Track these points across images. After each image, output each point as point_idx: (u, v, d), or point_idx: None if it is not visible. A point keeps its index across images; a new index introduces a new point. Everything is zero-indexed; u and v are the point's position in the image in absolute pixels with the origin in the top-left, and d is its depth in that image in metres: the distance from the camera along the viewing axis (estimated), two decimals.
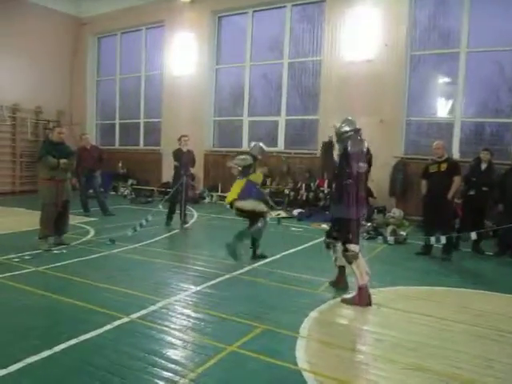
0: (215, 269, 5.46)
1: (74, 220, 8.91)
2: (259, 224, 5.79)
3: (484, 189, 7.17)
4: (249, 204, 5.78)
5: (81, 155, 9.79)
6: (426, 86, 11.07)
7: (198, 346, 3.27)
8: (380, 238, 7.40)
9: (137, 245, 6.73)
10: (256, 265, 5.71)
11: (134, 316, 3.77)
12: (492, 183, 7.25)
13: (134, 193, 13.89)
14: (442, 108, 10.96)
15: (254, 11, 13.06)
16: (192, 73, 13.82)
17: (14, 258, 5.77)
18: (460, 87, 10.40)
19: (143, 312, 3.87)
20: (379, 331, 3.63)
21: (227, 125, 14.01)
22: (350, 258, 4.43)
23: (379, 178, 10.78)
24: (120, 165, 14.82)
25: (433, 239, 6.30)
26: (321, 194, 11.17)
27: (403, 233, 7.90)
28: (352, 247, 4.43)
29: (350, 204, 4.42)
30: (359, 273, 4.39)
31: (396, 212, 10.26)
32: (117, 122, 16.10)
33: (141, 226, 7.25)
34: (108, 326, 3.52)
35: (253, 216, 5.80)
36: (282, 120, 12.81)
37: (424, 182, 7.06)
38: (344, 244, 4.49)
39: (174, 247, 6.73)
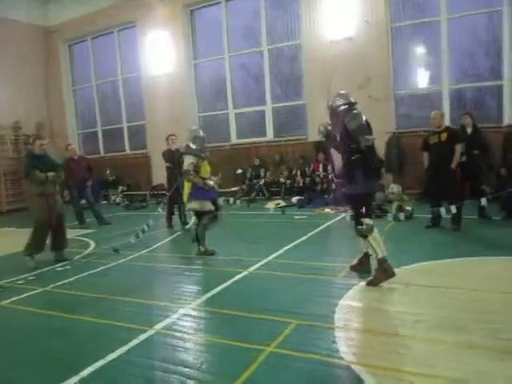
0: (228, 267, 5.28)
1: (71, 233, 8.59)
2: (206, 220, 5.98)
3: (475, 152, 7.06)
4: (197, 205, 5.98)
5: (69, 166, 9.48)
6: (409, 57, 10.96)
7: (233, 351, 3.09)
8: (389, 215, 7.28)
9: (142, 252, 6.52)
10: (270, 258, 5.54)
11: (159, 327, 3.58)
12: (481, 145, 7.17)
13: (127, 199, 13.61)
14: (428, 78, 10.87)
15: (227, 0, 12.77)
16: (170, 71, 13.51)
17: (17, 280, 5.51)
18: (444, 55, 10.31)
19: (167, 321, 3.68)
20: (415, 311, 3.50)
21: (213, 120, 13.74)
22: (365, 231, 4.33)
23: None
24: (108, 172, 14.50)
25: (443, 210, 6.21)
26: (317, 179, 11.03)
27: (409, 208, 7.80)
28: (366, 221, 4.33)
29: (359, 179, 4.29)
30: (376, 244, 4.31)
31: (394, 188, 10.19)
32: (99, 129, 15.74)
33: (143, 231, 7.03)
34: (135, 341, 3.32)
35: (200, 214, 6.02)
36: (268, 109, 12.62)
37: (425, 154, 6.95)
38: (357, 219, 4.40)
39: (179, 250, 6.51)
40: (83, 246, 7.36)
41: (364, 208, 4.40)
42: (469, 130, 7.27)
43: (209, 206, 6.06)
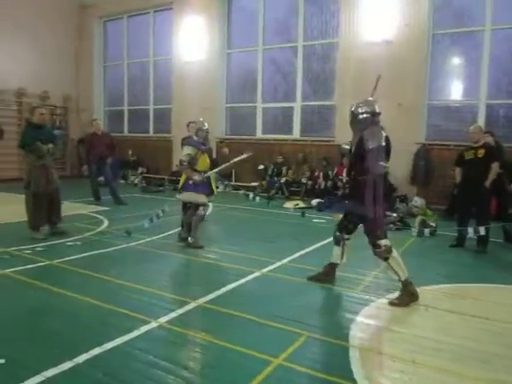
0: (241, 265, 5.07)
1: (86, 209, 8.62)
2: (201, 212, 5.89)
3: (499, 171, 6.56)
4: (189, 196, 5.92)
5: (91, 142, 9.44)
6: (447, 67, 10.56)
7: (239, 358, 2.87)
8: (414, 230, 6.98)
9: (154, 237, 6.36)
10: (285, 260, 5.32)
11: (163, 320, 3.39)
12: (505, 164, 6.68)
13: (145, 181, 13.53)
14: (463, 90, 10.45)
15: None
16: (202, 58, 13.32)
17: (25, 249, 5.43)
18: (483, 68, 9.88)
19: (172, 315, 3.49)
20: (436, 338, 3.24)
21: (239, 112, 13.53)
22: (385, 254, 4.03)
23: (399, 166, 10.35)
24: (130, 152, 14.44)
25: (471, 230, 5.90)
26: (339, 183, 10.73)
27: (433, 224, 7.48)
28: (383, 242, 4.04)
29: (372, 201, 3.93)
30: (398, 266, 4.05)
31: (418, 201, 9.81)
32: (125, 108, 15.68)
33: (158, 216, 6.86)
34: (135, 332, 3.15)
35: (195, 205, 5.94)
36: (297, 106, 12.33)
37: (458, 170, 6.61)
38: (374, 241, 4.08)
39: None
40: (96, 223, 7.25)
41: (379, 230, 4.07)
42: None
43: (200, 198, 5.89)
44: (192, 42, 13.39)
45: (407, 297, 4.00)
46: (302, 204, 10.20)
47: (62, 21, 14.99)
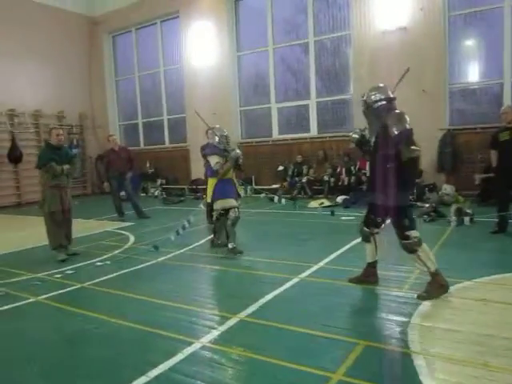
0: (277, 272, 4.85)
1: (111, 226, 8.52)
2: (233, 214, 5.79)
3: None
4: (221, 204, 5.84)
5: (109, 158, 9.34)
6: (467, 49, 10.19)
7: (294, 376, 2.65)
8: (452, 219, 6.66)
9: (183, 250, 6.19)
10: (322, 263, 5.08)
11: (206, 340, 3.19)
12: None
13: (165, 192, 13.44)
14: (486, 71, 10.05)
15: None
16: (213, 63, 13.20)
17: (55, 273, 5.31)
18: (507, 45, 9.47)
19: (215, 333, 3.29)
20: (504, 335, 2.97)
21: (253, 114, 13.33)
22: (414, 246, 3.82)
23: (425, 154, 10.00)
24: (148, 165, 14.39)
25: None
26: (363, 177, 10.43)
27: (469, 211, 7.14)
28: (413, 233, 3.83)
29: (399, 190, 3.77)
30: (427, 258, 3.83)
31: (447, 188, 9.51)
32: (139, 121, 15.67)
33: (183, 228, 6.70)
34: (179, 356, 2.95)
35: (226, 210, 5.87)
36: (312, 103, 12.09)
37: (493, 152, 6.29)
38: (402, 233, 3.86)
39: (223, 250, 6.14)
40: (123, 240, 7.13)
41: (407, 220, 3.86)
42: None
43: (232, 202, 5.84)
44: (201, 48, 13.28)
45: (436, 289, 3.79)
46: (327, 202, 9.94)
47: (73, 40, 15.10)
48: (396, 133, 3.66)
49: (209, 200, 6.08)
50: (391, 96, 3.90)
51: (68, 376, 2.84)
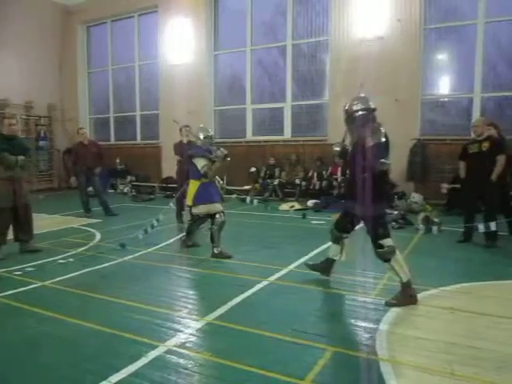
0: (247, 274, 4.79)
1: (77, 222, 8.25)
2: (220, 219, 5.66)
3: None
4: (206, 208, 5.70)
5: (78, 152, 9.07)
6: (440, 61, 10.43)
7: (264, 382, 2.58)
8: (419, 227, 6.76)
9: (150, 249, 6.04)
10: (292, 266, 5.04)
11: (172, 343, 3.09)
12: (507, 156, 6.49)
13: (135, 190, 13.17)
14: (457, 84, 10.32)
15: None
16: (189, 60, 13.03)
17: (14, 270, 5.06)
18: (478, 61, 9.75)
19: (181, 337, 3.19)
20: (471, 344, 3.00)
21: (228, 114, 13.24)
22: (388, 255, 3.86)
23: (396, 162, 10.17)
24: (118, 161, 14.06)
25: (481, 226, 5.70)
26: (334, 182, 10.52)
27: (437, 220, 7.27)
28: (387, 242, 3.86)
29: (374, 199, 3.80)
30: (400, 268, 3.87)
31: (416, 197, 9.72)
32: (111, 115, 15.29)
33: (152, 226, 6.57)
34: (143, 360, 2.84)
35: (212, 215, 5.73)
36: (287, 106, 12.10)
37: (462, 164, 6.42)
38: (376, 241, 3.90)
39: (192, 251, 6.02)
40: (88, 237, 6.90)
41: (381, 229, 3.92)
42: None
43: (218, 207, 5.71)
44: (178, 45, 13.09)
45: (405, 298, 3.84)
46: (297, 205, 9.95)
47: (45, 29, 14.59)
48: (370, 144, 3.76)
49: (190, 203, 5.79)
50: (372, 107, 4.00)
51: (24, 381, 2.68)
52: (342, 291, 4.21)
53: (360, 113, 3.97)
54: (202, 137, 5.84)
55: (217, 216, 5.65)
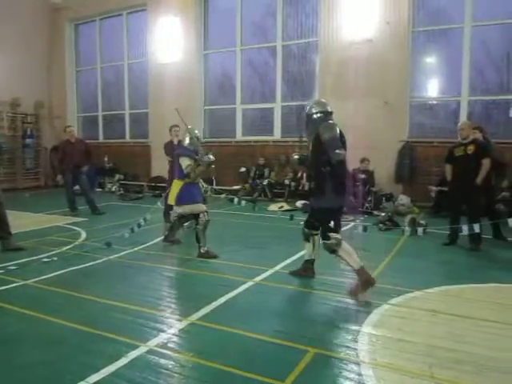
0: (231, 274, 4.78)
1: (62, 221, 8.17)
2: (204, 218, 5.65)
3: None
4: (190, 208, 5.72)
5: (65, 150, 8.99)
6: (428, 64, 10.52)
7: (243, 383, 2.58)
8: (405, 229, 6.80)
9: (136, 248, 6.00)
10: (278, 267, 5.05)
11: (153, 343, 3.07)
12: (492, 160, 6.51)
13: (123, 188, 13.08)
14: (445, 87, 10.40)
15: None
16: (179, 59, 12.96)
17: None
18: (465, 64, 9.84)
19: (163, 337, 3.17)
20: (451, 347, 3.02)
21: (218, 114, 13.21)
22: (334, 246, 4.15)
23: (384, 164, 10.25)
24: (106, 159, 13.95)
25: (465, 228, 5.76)
26: None
27: (423, 222, 7.32)
28: (334, 235, 4.17)
29: (328, 193, 4.16)
30: (349, 257, 4.14)
31: (403, 199, 9.76)
32: (99, 114, 15.16)
33: (139, 226, 6.52)
34: (123, 360, 2.81)
35: (196, 214, 5.73)
36: (277, 107, 12.10)
37: (448, 167, 6.48)
38: (324, 233, 4.24)
39: (178, 250, 6.00)
40: (73, 236, 6.83)
41: (332, 223, 4.25)
42: None
43: (201, 207, 5.74)
44: (168, 44, 13.02)
45: (363, 284, 4.03)
46: (286, 206, 9.95)
47: (33, 25, 14.41)
48: (326, 138, 4.07)
49: (172, 202, 5.81)
50: (329, 110, 4.34)
51: (2, 382, 2.64)
52: (327, 292, 4.22)
53: (318, 115, 4.28)
54: (188, 138, 5.83)
55: (201, 216, 5.65)
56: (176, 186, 5.74)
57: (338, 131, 4.17)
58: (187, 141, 5.84)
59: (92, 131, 15.25)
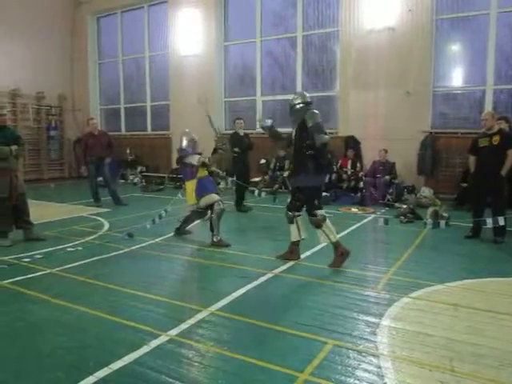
0: (252, 266, 4.80)
1: (86, 211, 8.35)
2: (218, 207, 5.85)
3: None
4: (205, 200, 5.94)
5: (88, 142, 9.14)
6: (451, 53, 10.26)
7: (261, 374, 2.60)
8: (428, 222, 6.69)
9: (157, 239, 6.09)
10: (298, 260, 5.06)
11: (174, 332, 3.13)
12: None
13: (144, 180, 13.25)
14: (469, 76, 10.14)
15: None
16: (199, 51, 12.99)
17: (23, 257, 5.16)
18: (490, 53, 9.57)
19: (183, 327, 3.23)
20: (473, 341, 2.99)
21: (237, 105, 13.21)
22: (320, 221, 4.72)
23: (406, 155, 10.09)
24: (128, 151, 14.14)
25: (489, 221, 5.63)
26: (344, 175, 10.45)
27: (445, 214, 7.21)
28: (319, 212, 4.73)
29: (312, 173, 4.68)
30: (330, 231, 4.74)
31: (426, 191, 9.63)
32: (121, 106, 15.34)
33: (160, 217, 6.61)
34: (145, 348, 2.88)
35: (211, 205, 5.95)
36: None
37: (472, 158, 6.34)
38: (311, 211, 4.75)
39: (199, 241, 6.07)
40: (97, 227, 6.98)
41: (317, 200, 4.79)
42: None
43: (215, 197, 5.93)
44: (188, 36, 13.05)
45: (340, 257, 4.72)
46: None
47: (56, 19, 14.63)
48: (310, 125, 4.58)
49: (192, 201, 6.03)
50: (309, 100, 4.85)
51: (28, 367, 2.73)
52: (346, 285, 4.21)
53: (300, 105, 4.78)
54: (185, 140, 6.10)
55: (215, 205, 5.83)
56: (189, 186, 5.99)
57: (319, 116, 4.67)
58: (184, 143, 6.12)
59: (114, 123, 15.45)
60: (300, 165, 4.75)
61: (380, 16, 10.26)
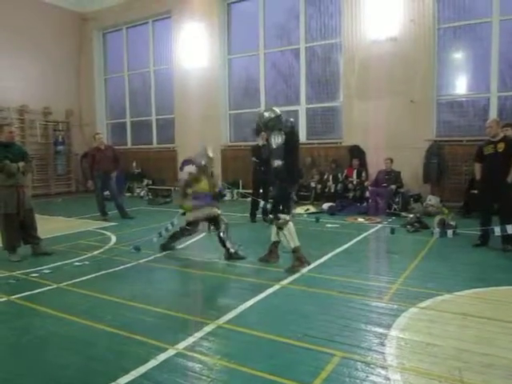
0: (258, 278, 4.80)
1: (93, 225, 8.39)
2: (223, 225, 5.85)
3: None
4: (192, 216, 5.96)
5: (94, 156, 9.21)
6: (454, 61, 10.29)
7: None
8: (435, 231, 6.66)
9: (165, 252, 6.11)
10: (304, 270, 5.04)
11: (181, 346, 3.12)
12: None
13: (151, 193, 13.32)
14: (473, 84, 10.15)
15: None
16: (203, 65, 13.14)
17: (31, 272, 5.19)
18: (494, 60, 9.59)
19: (191, 340, 3.22)
20: (482, 351, 2.96)
21: (242, 117, 13.29)
22: (282, 224, 5.08)
23: (411, 164, 10.09)
24: (134, 164, 14.24)
25: (497, 229, 5.61)
26: (350, 185, 10.45)
27: (453, 223, 7.17)
28: (283, 216, 5.09)
29: (279, 184, 5.21)
30: (290, 236, 5.08)
31: (432, 199, 9.60)
32: (127, 120, 15.51)
33: (166, 230, 6.63)
34: (152, 362, 2.88)
35: (213, 220, 5.94)
36: (302, 109, 12.08)
37: (478, 166, 6.33)
38: (276, 214, 5.15)
39: (206, 254, 6.07)
40: (104, 241, 7.01)
41: (282, 206, 5.17)
42: None
43: (210, 209, 5.88)
44: (192, 50, 13.22)
45: (296, 262, 5.06)
46: (312, 209, 9.92)
47: (63, 36, 14.93)
48: (272, 148, 5.09)
49: (191, 218, 5.97)
50: (278, 114, 5.13)
51: (35, 381, 2.74)
52: (353, 295, 4.19)
53: (271, 123, 5.10)
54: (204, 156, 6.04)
55: (221, 223, 5.82)
56: (186, 208, 6.02)
57: (287, 136, 5.03)
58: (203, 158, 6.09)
59: (120, 137, 15.61)
60: (271, 174, 5.33)
61: (382, 26, 10.34)
